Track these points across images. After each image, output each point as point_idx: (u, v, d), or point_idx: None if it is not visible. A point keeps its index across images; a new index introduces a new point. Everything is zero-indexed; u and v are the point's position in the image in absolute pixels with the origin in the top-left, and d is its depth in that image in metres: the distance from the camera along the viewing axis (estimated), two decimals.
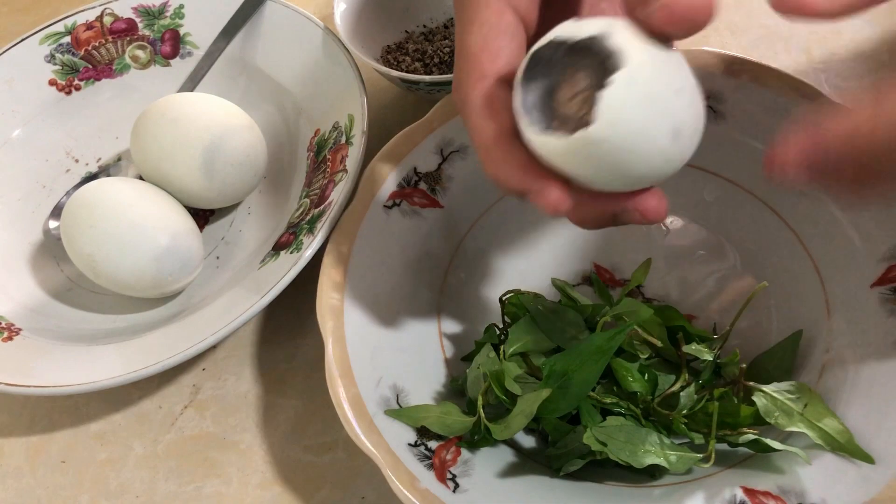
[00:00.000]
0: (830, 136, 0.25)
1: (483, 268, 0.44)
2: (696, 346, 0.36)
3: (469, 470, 0.35)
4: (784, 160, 0.26)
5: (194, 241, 0.44)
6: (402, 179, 0.44)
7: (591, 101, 0.26)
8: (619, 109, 0.25)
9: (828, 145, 0.25)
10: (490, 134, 0.28)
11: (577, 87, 0.27)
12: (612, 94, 0.25)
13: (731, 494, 0.33)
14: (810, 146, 0.26)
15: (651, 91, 0.25)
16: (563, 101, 0.27)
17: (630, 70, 0.25)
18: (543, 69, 0.28)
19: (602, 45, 0.26)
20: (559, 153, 0.27)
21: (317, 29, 0.50)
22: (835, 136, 0.25)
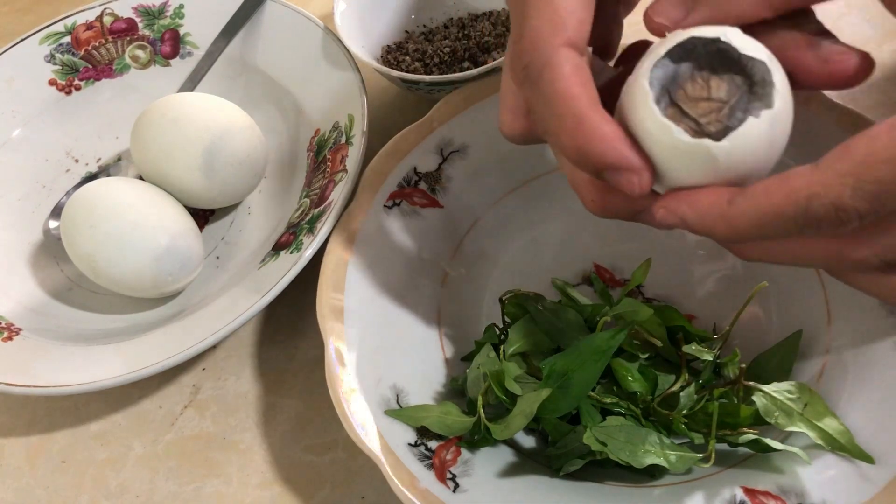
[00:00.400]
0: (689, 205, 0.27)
1: (483, 268, 0.44)
2: (696, 346, 0.36)
3: (469, 470, 0.35)
4: (655, 210, 0.28)
5: (194, 241, 0.44)
6: (402, 179, 0.44)
7: (731, 117, 0.26)
8: (755, 140, 0.26)
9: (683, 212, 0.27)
10: (585, 102, 0.27)
11: (715, 93, 0.27)
12: (755, 125, 0.25)
13: (731, 494, 0.33)
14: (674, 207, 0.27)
15: (783, 132, 0.26)
16: (692, 98, 0.27)
17: (776, 111, 0.26)
18: (685, 58, 0.27)
19: (755, 68, 0.26)
20: (673, 145, 0.26)
21: (317, 29, 0.50)
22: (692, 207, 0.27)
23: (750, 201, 0.25)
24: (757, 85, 0.26)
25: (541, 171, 0.46)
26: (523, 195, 0.45)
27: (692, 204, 0.26)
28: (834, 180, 0.24)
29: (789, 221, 0.25)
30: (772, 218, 0.25)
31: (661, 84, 0.27)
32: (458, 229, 0.44)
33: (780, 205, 0.25)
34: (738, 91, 0.26)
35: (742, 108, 0.26)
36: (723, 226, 0.26)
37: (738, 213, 0.25)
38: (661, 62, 0.27)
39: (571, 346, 0.36)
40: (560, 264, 0.43)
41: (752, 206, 0.25)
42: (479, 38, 0.52)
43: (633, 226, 0.44)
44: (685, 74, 0.27)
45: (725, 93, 0.27)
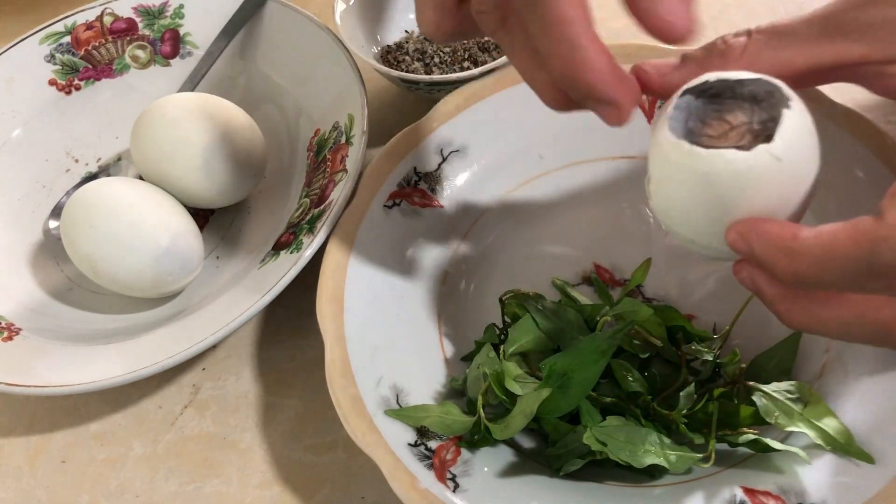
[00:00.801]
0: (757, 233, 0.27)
1: (483, 268, 0.44)
2: (696, 346, 0.36)
3: (469, 470, 0.35)
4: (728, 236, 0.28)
5: (194, 241, 0.44)
6: (402, 179, 0.44)
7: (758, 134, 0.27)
8: (799, 133, 0.26)
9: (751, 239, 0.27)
10: (581, 28, 0.27)
11: (735, 121, 0.27)
12: (792, 116, 0.26)
13: (731, 494, 0.33)
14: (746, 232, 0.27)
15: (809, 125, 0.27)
16: (712, 131, 0.28)
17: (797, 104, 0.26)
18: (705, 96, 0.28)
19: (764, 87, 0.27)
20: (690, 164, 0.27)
21: (317, 29, 0.50)
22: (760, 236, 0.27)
23: (816, 238, 0.25)
24: (776, 111, 0.27)
25: (540, 171, 0.46)
26: (523, 195, 0.45)
27: (760, 232, 0.26)
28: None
29: (852, 263, 0.24)
30: (836, 259, 0.24)
31: (684, 124, 0.28)
32: (458, 229, 0.44)
33: (845, 246, 0.24)
34: (756, 120, 0.27)
35: (758, 133, 0.27)
36: (784, 260, 0.25)
37: (803, 248, 0.25)
38: (684, 98, 0.28)
39: (571, 346, 0.36)
40: (560, 264, 0.43)
41: (817, 243, 0.25)
42: (479, 38, 0.52)
43: (634, 226, 0.44)
44: (707, 112, 0.28)
45: (742, 121, 0.27)
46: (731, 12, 0.55)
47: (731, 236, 0.27)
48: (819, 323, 0.28)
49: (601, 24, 0.29)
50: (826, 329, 0.28)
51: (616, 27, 0.55)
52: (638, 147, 0.45)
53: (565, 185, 0.45)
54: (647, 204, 0.44)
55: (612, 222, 0.44)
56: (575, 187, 0.45)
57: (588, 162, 0.45)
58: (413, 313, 0.41)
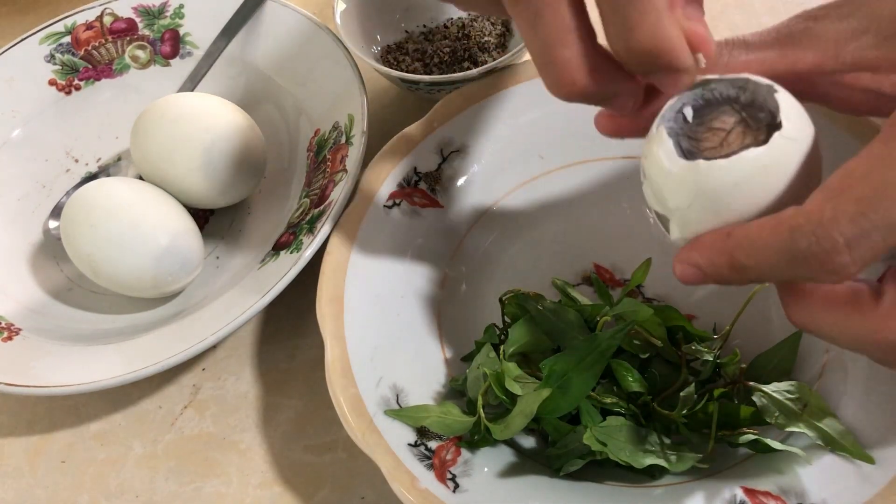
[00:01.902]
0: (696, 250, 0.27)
1: (483, 268, 0.44)
2: (696, 346, 0.36)
3: (469, 470, 0.35)
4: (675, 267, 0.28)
5: (194, 241, 0.44)
6: (402, 179, 0.44)
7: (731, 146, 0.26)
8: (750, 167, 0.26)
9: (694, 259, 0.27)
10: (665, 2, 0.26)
11: (720, 126, 0.27)
12: (752, 153, 0.26)
13: (731, 494, 0.33)
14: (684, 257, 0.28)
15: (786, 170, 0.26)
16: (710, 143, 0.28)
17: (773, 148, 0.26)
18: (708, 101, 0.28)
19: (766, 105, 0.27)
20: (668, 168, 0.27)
21: (317, 29, 0.50)
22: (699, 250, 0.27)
23: (743, 231, 0.26)
24: (763, 125, 0.27)
25: (541, 171, 0.46)
26: (523, 195, 0.45)
27: (699, 248, 0.27)
28: (813, 208, 0.24)
29: (775, 252, 0.25)
30: (762, 248, 0.25)
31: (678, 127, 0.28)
32: (458, 229, 0.44)
33: (767, 236, 0.25)
34: (743, 127, 0.27)
35: (746, 135, 0.27)
36: (724, 259, 0.26)
37: (734, 244, 0.26)
38: (678, 101, 0.28)
39: (571, 346, 0.36)
40: (560, 264, 0.43)
41: (745, 236, 0.26)
42: (479, 38, 0.52)
43: (634, 226, 0.44)
44: (705, 115, 0.28)
45: (731, 128, 0.27)
46: (731, 12, 0.55)
47: (678, 269, 0.28)
48: (815, 326, 0.28)
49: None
50: (820, 331, 0.28)
51: None
52: (638, 147, 0.45)
53: (565, 185, 0.45)
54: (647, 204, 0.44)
55: (612, 222, 0.44)
56: (575, 187, 0.45)
57: (588, 162, 0.45)
58: (413, 313, 0.41)
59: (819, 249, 0.24)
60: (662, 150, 0.27)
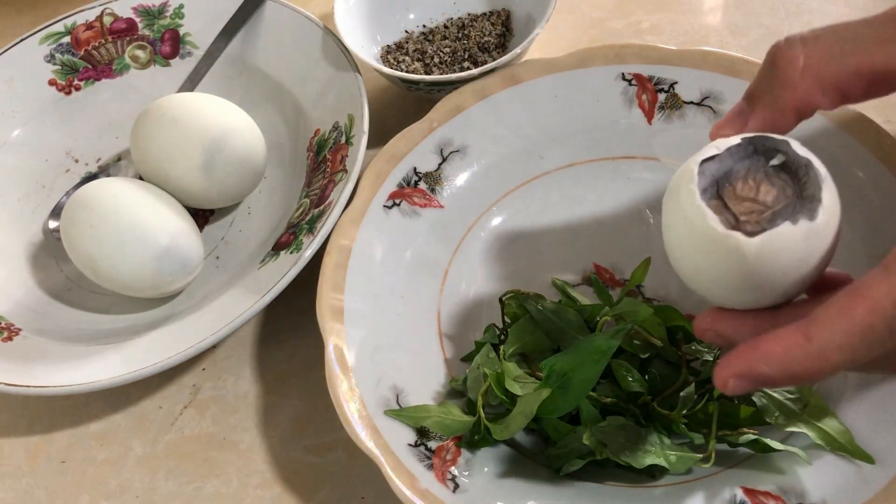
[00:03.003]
0: (764, 361, 0.25)
1: (483, 268, 0.44)
2: (696, 346, 0.36)
3: (469, 470, 0.35)
4: (723, 381, 0.26)
5: (194, 241, 0.44)
6: (402, 179, 0.44)
7: (770, 222, 0.26)
8: (786, 246, 0.25)
9: (760, 371, 0.25)
10: None
11: (762, 197, 0.27)
12: (789, 231, 0.25)
13: (731, 494, 0.33)
14: (745, 370, 0.26)
15: (821, 248, 0.26)
16: (739, 197, 0.27)
17: (816, 225, 0.25)
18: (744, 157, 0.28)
19: (809, 182, 0.26)
20: (704, 232, 0.26)
21: (317, 29, 0.50)
22: (769, 362, 0.25)
23: (831, 327, 0.24)
24: (806, 199, 0.26)
25: (541, 171, 0.46)
26: (523, 195, 0.45)
27: (767, 359, 0.25)
28: None
29: (882, 334, 0.23)
30: (861, 337, 0.23)
31: (713, 176, 0.27)
32: (458, 229, 0.44)
33: (865, 320, 0.23)
34: (784, 200, 0.26)
35: (784, 215, 0.26)
36: (814, 365, 0.24)
37: (823, 345, 0.24)
38: (718, 155, 0.27)
39: (571, 346, 0.36)
40: (560, 264, 0.43)
41: (835, 332, 0.24)
42: (479, 38, 0.52)
43: (634, 226, 0.44)
44: (738, 173, 0.27)
45: (773, 199, 0.26)
46: (731, 12, 0.55)
47: (730, 385, 0.26)
48: None
49: (601, 23, 0.29)
50: None
51: (616, 27, 0.55)
52: (638, 147, 0.45)
53: (565, 186, 0.45)
54: (647, 204, 0.44)
55: (612, 222, 0.44)
56: (575, 187, 0.45)
57: (588, 162, 0.45)
58: (413, 313, 0.41)
59: None
60: (694, 211, 0.26)
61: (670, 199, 0.28)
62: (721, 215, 0.27)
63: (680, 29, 0.54)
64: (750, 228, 0.26)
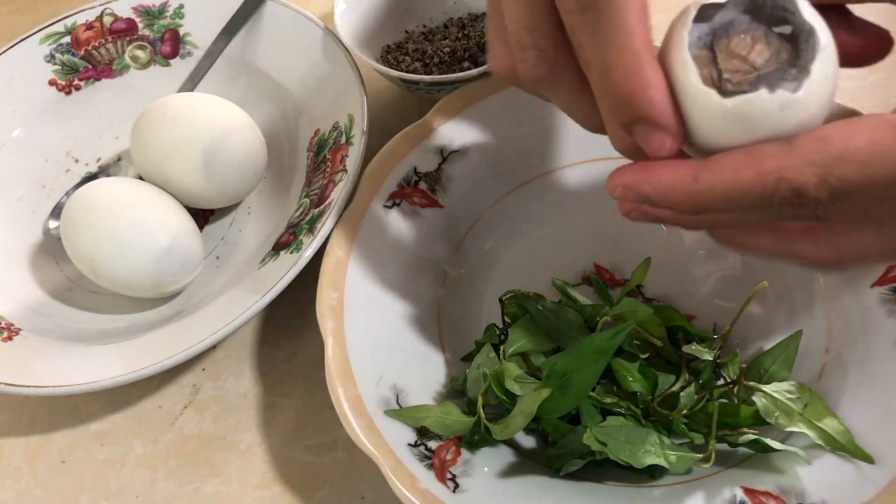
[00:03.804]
0: (649, 182, 0.26)
1: (483, 268, 0.44)
2: (696, 346, 0.36)
3: (469, 470, 0.35)
4: (612, 187, 0.27)
5: (194, 241, 0.44)
6: (402, 179, 0.44)
7: (753, 85, 0.25)
8: (759, 115, 0.25)
9: (644, 190, 0.26)
10: (644, 44, 0.25)
11: (753, 57, 0.26)
12: (765, 100, 0.25)
13: (731, 494, 0.33)
14: (632, 183, 0.26)
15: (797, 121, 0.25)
16: (730, 52, 0.26)
17: (796, 98, 0.25)
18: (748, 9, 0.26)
19: (806, 48, 0.25)
20: (685, 85, 0.25)
21: (317, 29, 0.50)
22: (653, 184, 0.26)
23: (717, 176, 0.25)
24: (796, 68, 0.25)
25: (541, 171, 0.46)
26: (523, 195, 0.45)
27: (654, 180, 0.26)
28: (804, 167, 0.24)
29: (755, 199, 0.25)
30: (739, 195, 0.25)
31: (711, 26, 0.26)
32: (458, 229, 0.44)
33: (748, 183, 0.24)
34: (775, 65, 0.25)
35: (767, 81, 0.25)
36: (689, 203, 0.25)
37: (705, 188, 0.25)
38: (723, 4, 0.26)
39: (571, 346, 0.36)
40: (560, 264, 0.43)
41: (720, 182, 0.25)
42: (479, 38, 0.52)
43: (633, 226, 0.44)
44: (737, 27, 0.26)
45: (763, 61, 0.26)
46: None
47: (617, 192, 0.27)
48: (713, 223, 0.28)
49: None
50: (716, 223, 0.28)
51: None
52: None
53: (565, 186, 0.45)
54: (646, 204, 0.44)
55: (612, 222, 0.44)
56: (575, 187, 0.45)
57: (588, 162, 0.45)
58: (413, 313, 0.41)
59: (796, 203, 0.24)
60: (678, 59, 0.26)
61: (665, 39, 0.27)
62: (706, 69, 0.26)
63: None
64: (730, 88, 0.25)
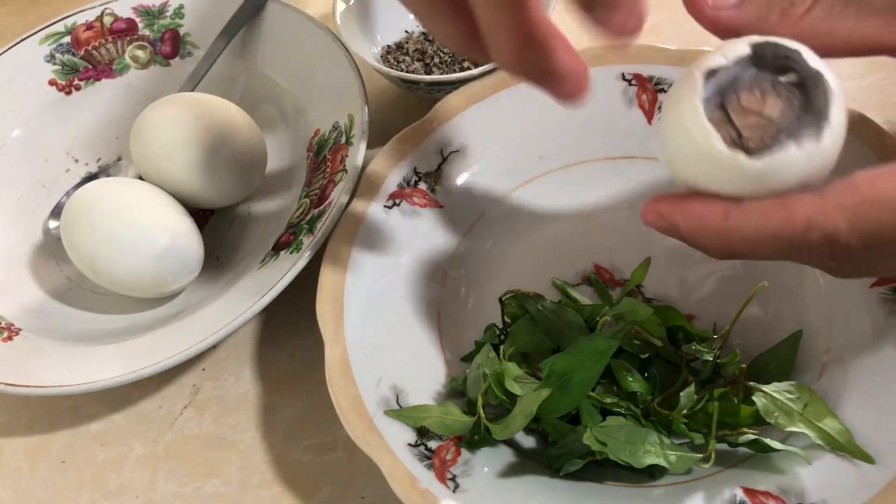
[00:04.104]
0: (682, 215, 0.27)
1: (483, 268, 0.44)
2: (696, 346, 0.36)
3: (469, 470, 0.35)
4: (647, 211, 0.28)
5: (194, 241, 0.44)
6: (402, 179, 0.44)
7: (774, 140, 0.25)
8: (789, 169, 0.25)
9: (676, 222, 0.27)
10: None
11: (768, 111, 0.26)
12: (794, 154, 0.25)
13: (731, 494, 0.33)
14: (667, 213, 0.27)
15: (820, 169, 0.25)
16: (743, 109, 0.26)
17: (822, 148, 0.25)
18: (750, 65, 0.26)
19: (818, 98, 0.25)
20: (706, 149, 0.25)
21: (317, 29, 0.50)
22: (686, 218, 0.26)
23: (748, 219, 0.25)
24: (813, 115, 0.25)
25: (540, 171, 0.46)
26: (523, 195, 0.45)
27: (687, 214, 0.26)
28: (834, 213, 0.24)
29: (783, 244, 0.25)
30: (768, 239, 0.25)
31: (717, 85, 0.26)
32: (458, 229, 0.44)
33: (778, 228, 0.24)
34: (791, 115, 0.25)
35: (789, 134, 0.25)
36: (717, 240, 0.26)
37: (732, 229, 0.25)
38: (722, 62, 0.26)
39: (571, 346, 0.36)
40: (560, 264, 0.43)
41: (750, 226, 0.25)
42: None
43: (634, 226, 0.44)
44: (744, 83, 0.26)
45: (779, 113, 0.25)
46: None
47: (650, 217, 0.27)
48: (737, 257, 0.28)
49: None
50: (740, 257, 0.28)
51: None
52: (638, 147, 0.45)
53: (565, 185, 0.45)
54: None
55: (612, 222, 0.44)
56: (575, 187, 0.45)
57: (588, 162, 0.45)
58: (413, 313, 0.41)
59: (826, 250, 0.24)
60: (696, 127, 0.25)
61: (672, 107, 0.27)
62: (723, 129, 0.26)
63: (680, 29, 0.54)
64: (753, 146, 0.25)
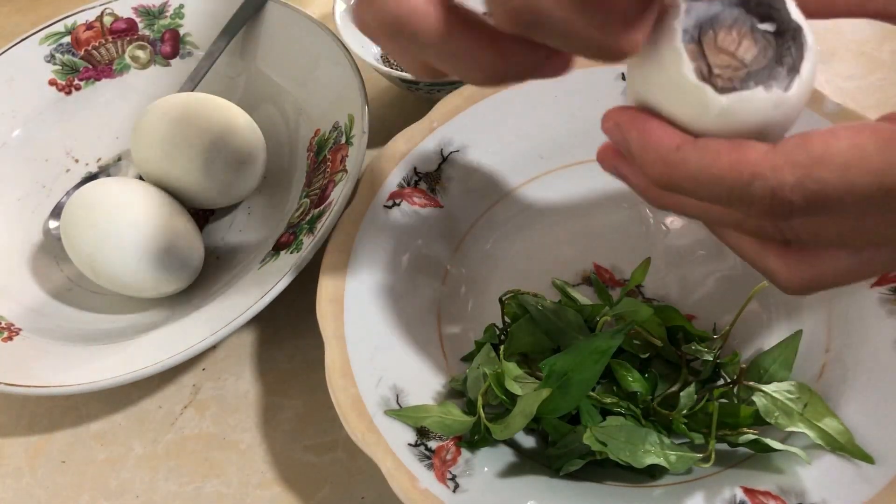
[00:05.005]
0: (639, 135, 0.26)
1: (483, 268, 0.44)
2: (696, 346, 0.36)
3: (469, 470, 0.35)
4: (606, 118, 0.27)
5: (194, 241, 0.44)
6: (402, 179, 0.44)
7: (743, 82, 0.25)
8: (753, 112, 0.25)
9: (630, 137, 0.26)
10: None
11: (742, 53, 0.26)
12: (761, 97, 0.25)
13: (731, 494, 0.33)
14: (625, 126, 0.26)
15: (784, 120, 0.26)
16: (718, 47, 0.26)
17: (788, 97, 0.25)
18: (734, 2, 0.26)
19: (792, 47, 0.25)
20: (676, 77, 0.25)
21: (317, 29, 0.50)
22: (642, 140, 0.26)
23: (697, 155, 0.24)
24: (785, 67, 0.25)
25: (541, 171, 0.46)
26: (524, 195, 0.45)
27: (643, 132, 0.26)
28: (784, 167, 0.23)
29: (726, 189, 0.24)
30: (711, 180, 0.24)
31: (697, 18, 0.26)
32: (458, 229, 0.44)
33: (724, 170, 0.24)
34: (763, 61, 0.26)
35: (759, 80, 0.25)
36: (661, 167, 0.25)
37: (680, 161, 0.25)
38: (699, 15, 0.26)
39: (571, 346, 0.36)
40: (560, 264, 0.43)
41: (697, 161, 0.24)
42: None
43: (633, 226, 0.44)
44: (724, 22, 0.26)
45: (752, 58, 0.26)
46: None
47: (608, 125, 0.27)
48: (678, 209, 0.28)
49: None
50: (682, 213, 0.28)
51: None
52: None
53: (565, 185, 0.45)
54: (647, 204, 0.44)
55: (612, 222, 0.44)
56: (575, 187, 0.45)
57: (588, 162, 0.45)
58: (413, 313, 0.41)
59: (768, 204, 0.24)
60: (670, 53, 0.25)
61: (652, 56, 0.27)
62: (695, 62, 0.25)
63: None
64: (721, 84, 0.25)
